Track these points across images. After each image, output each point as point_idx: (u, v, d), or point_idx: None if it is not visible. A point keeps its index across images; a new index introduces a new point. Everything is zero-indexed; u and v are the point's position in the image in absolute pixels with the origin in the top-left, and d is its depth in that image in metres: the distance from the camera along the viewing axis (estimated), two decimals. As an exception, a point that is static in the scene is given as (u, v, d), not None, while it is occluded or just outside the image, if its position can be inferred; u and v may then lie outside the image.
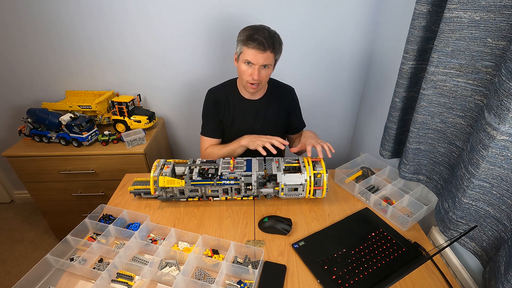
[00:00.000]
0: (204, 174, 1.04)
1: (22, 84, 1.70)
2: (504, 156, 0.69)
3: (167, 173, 1.02)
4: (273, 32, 1.11)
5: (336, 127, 1.98)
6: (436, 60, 0.85)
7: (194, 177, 1.02)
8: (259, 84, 1.16)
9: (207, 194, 1.06)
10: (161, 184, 1.01)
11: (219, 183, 1.02)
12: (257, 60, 1.08)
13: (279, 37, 1.12)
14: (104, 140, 1.52)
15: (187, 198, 1.07)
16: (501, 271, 0.68)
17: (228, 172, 1.02)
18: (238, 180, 1.02)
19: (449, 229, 0.88)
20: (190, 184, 1.02)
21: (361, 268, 0.84)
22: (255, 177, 1.02)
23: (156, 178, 1.01)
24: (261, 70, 1.11)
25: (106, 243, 0.92)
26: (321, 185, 1.02)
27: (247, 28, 1.11)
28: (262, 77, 1.13)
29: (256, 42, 1.06)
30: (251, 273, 0.81)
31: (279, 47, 1.12)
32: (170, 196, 1.06)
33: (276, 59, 1.15)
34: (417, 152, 1.04)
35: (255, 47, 1.06)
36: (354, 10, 1.53)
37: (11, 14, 1.49)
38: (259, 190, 1.04)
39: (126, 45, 1.59)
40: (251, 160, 1.09)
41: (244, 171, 1.03)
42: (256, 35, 1.06)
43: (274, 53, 1.10)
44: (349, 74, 1.75)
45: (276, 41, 1.10)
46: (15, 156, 1.47)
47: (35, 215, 2.09)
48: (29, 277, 0.79)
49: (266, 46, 1.06)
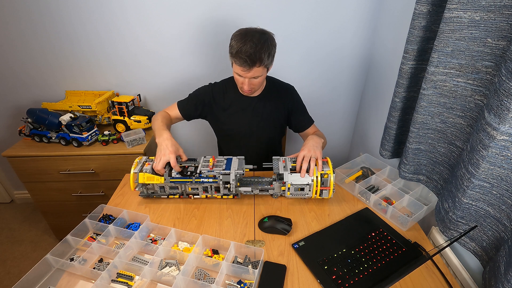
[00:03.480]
0: (184, 172, 1.05)
1: (22, 84, 1.70)
2: (504, 156, 0.69)
3: (147, 170, 1.03)
4: (263, 40, 1.05)
5: (336, 127, 1.99)
6: (436, 60, 0.85)
7: (173, 174, 1.03)
8: (252, 89, 1.17)
9: (187, 191, 1.08)
10: (141, 180, 1.03)
11: (197, 181, 1.03)
12: (245, 75, 1.09)
13: (269, 44, 1.07)
14: (104, 140, 1.52)
15: (168, 195, 1.09)
16: (501, 271, 0.68)
17: (207, 170, 1.03)
18: (216, 179, 1.03)
19: (449, 229, 0.88)
20: (169, 182, 1.03)
21: (361, 268, 0.84)
22: (233, 175, 1.02)
23: (136, 175, 1.03)
24: (252, 80, 1.11)
25: (106, 243, 0.92)
26: (328, 185, 1.02)
27: (236, 35, 1.07)
28: (253, 85, 1.14)
29: (242, 60, 1.04)
30: (251, 273, 0.81)
31: (268, 57, 1.08)
32: (151, 193, 1.09)
33: (268, 67, 1.13)
34: (417, 152, 1.04)
35: (241, 64, 1.05)
36: (354, 11, 1.53)
37: (11, 14, 1.49)
38: (238, 189, 1.04)
39: (126, 45, 1.59)
40: (231, 159, 1.09)
41: (223, 169, 1.03)
42: (243, 49, 1.02)
43: (263, 65, 1.08)
44: (349, 74, 1.75)
45: (265, 52, 1.05)
46: (15, 156, 1.47)
47: (35, 215, 2.09)
48: (29, 277, 0.79)
49: (251, 64, 1.04)
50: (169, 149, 1.03)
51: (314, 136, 1.14)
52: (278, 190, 1.07)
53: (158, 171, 1.03)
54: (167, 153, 1.02)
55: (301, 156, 1.03)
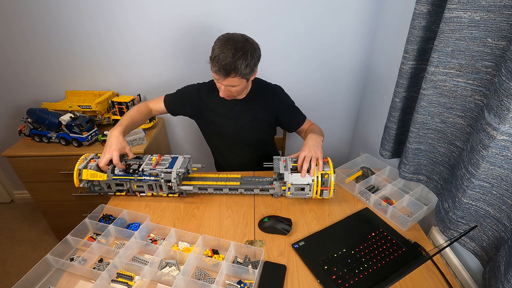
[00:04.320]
0: (127, 169, 1.06)
1: (22, 84, 1.70)
2: (504, 156, 0.69)
3: (92, 166, 1.04)
4: (243, 50, 1.01)
5: (336, 127, 1.99)
6: (436, 60, 0.85)
7: (116, 171, 1.04)
8: (230, 96, 1.16)
9: (133, 189, 1.09)
10: (84, 177, 1.04)
11: (139, 179, 1.04)
12: (220, 82, 1.08)
13: (249, 54, 1.03)
14: (104, 140, 1.52)
15: (115, 192, 1.10)
16: (501, 271, 0.68)
17: (149, 168, 1.04)
18: (158, 177, 1.03)
19: (449, 229, 0.88)
20: (112, 179, 1.04)
21: (361, 268, 0.84)
22: (175, 174, 1.02)
23: (80, 171, 1.04)
24: (229, 87, 1.09)
25: (106, 243, 0.92)
26: (329, 185, 1.02)
27: (219, 40, 1.05)
28: (231, 92, 1.12)
29: (217, 67, 1.02)
30: (251, 273, 0.81)
31: (246, 67, 1.03)
32: (98, 189, 1.10)
33: (246, 77, 1.08)
34: (417, 152, 1.04)
35: (216, 71, 1.04)
36: (355, 11, 1.53)
37: (11, 14, 1.49)
38: (179, 187, 1.05)
39: (126, 45, 1.59)
40: (177, 158, 1.10)
41: (166, 168, 1.04)
42: (220, 57, 1.00)
43: (239, 76, 1.04)
44: (349, 74, 1.75)
45: (242, 63, 1.01)
46: (15, 156, 1.47)
47: (35, 215, 2.09)
48: (29, 277, 0.79)
49: (225, 73, 1.02)
50: (113, 147, 1.04)
51: (314, 135, 1.12)
52: (279, 190, 1.07)
53: (102, 168, 1.04)
54: (111, 150, 1.03)
55: (302, 157, 1.03)
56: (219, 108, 1.27)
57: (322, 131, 1.30)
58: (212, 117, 1.29)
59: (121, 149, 1.05)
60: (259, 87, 1.28)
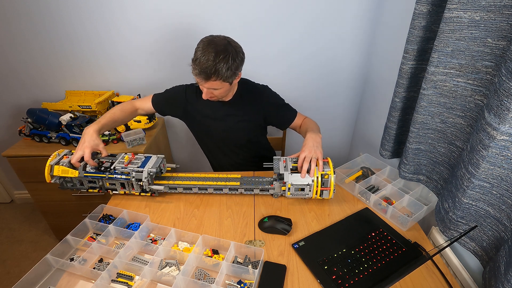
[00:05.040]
0: (99, 167, 1.06)
1: (22, 84, 1.70)
2: (504, 156, 0.69)
3: (64, 163, 1.05)
4: (224, 54, 1.00)
5: (336, 127, 1.98)
6: (436, 60, 0.85)
7: (88, 168, 1.05)
8: (213, 98, 1.15)
9: (105, 186, 1.09)
10: (55, 172, 1.04)
11: (110, 177, 1.04)
12: (201, 84, 1.08)
13: (230, 57, 1.01)
14: (104, 140, 1.52)
15: (87, 189, 1.10)
16: (501, 271, 0.68)
17: (121, 167, 1.05)
18: (129, 176, 1.04)
19: (449, 229, 0.88)
20: (83, 176, 1.05)
21: (361, 268, 0.84)
22: (146, 173, 1.03)
23: (51, 167, 1.05)
24: (211, 90, 1.08)
25: (106, 243, 0.92)
26: (328, 186, 1.01)
27: (201, 41, 1.04)
28: (214, 95, 1.12)
29: (197, 70, 1.01)
30: (251, 273, 0.81)
31: (228, 70, 1.02)
32: (71, 186, 1.10)
33: (229, 81, 1.07)
34: (417, 152, 1.04)
35: (196, 74, 1.03)
36: (356, 10, 1.53)
37: (11, 14, 1.49)
38: (150, 187, 1.05)
39: (126, 45, 1.59)
40: (150, 158, 1.10)
41: (137, 167, 1.05)
42: (201, 59, 0.99)
43: (220, 80, 1.03)
44: (349, 74, 1.75)
45: (222, 67, 1.00)
46: (15, 156, 1.47)
47: (35, 215, 2.09)
48: (29, 277, 0.79)
49: (205, 77, 1.02)
50: (85, 144, 1.03)
51: (313, 134, 1.11)
52: (279, 190, 1.07)
53: (74, 164, 1.04)
54: (83, 147, 1.03)
55: (302, 157, 1.02)
56: (205, 109, 1.26)
57: (317, 125, 1.27)
58: (199, 118, 1.29)
59: (93, 146, 1.05)
60: (245, 88, 1.26)
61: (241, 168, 1.38)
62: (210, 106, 1.24)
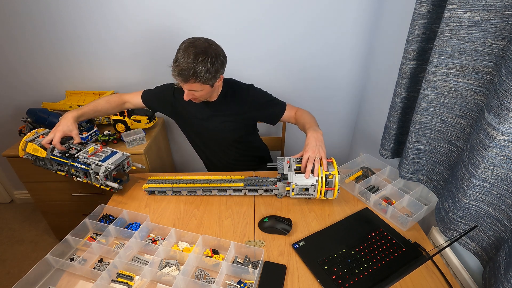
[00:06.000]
0: (66, 152, 1.09)
1: (22, 84, 1.70)
2: (504, 156, 0.69)
3: (39, 142, 1.09)
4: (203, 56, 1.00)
5: (336, 127, 1.98)
6: (436, 60, 0.85)
7: (55, 152, 1.09)
8: (195, 100, 1.14)
9: (71, 172, 1.10)
10: (28, 149, 1.09)
11: (72, 164, 1.06)
12: (182, 86, 1.07)
13: (209, 60, 1.00)
14: (104, 140, 1.52)
15: (56, 171, 1.13)
16: (501, 271, 0.68)
17: (84, 157, 1.06)
18: (89, 167, 1.05)
19: (449, 229, 0.88)
20: (49, 157, 1.08)
21: (361, 268, 0.84)
22: (104, 168, 1.03)
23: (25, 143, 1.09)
24: (193, 92, 1.08)
25: (106, 243, 0.92)
26: (333, 186, 1.01)
27: (182, 43, 1.04)
28: (195, 97, 1.11)
29: (176, 73, 1.01)
30: (251, 273, 0.81)
31: (207, 72, 1.01)
32: (42, 164, 1.14)
33: (209, 83, 1.06)
34: (417, 152, 1.04)
35: (175, 76, 1.03)
36: (356, 10, 1.53)
37: (11, 14, 1.49)
38: (105, 182, 1.05)
39: (126, 45, 1.59)
40: (115, 153, 1.11)
41: (99, 160, 1.05)
42: (180, 61, 0.99)
43: (199, 82, 1.03)
44: (349, 74, 1.75)
45: (201, 70, 0.99)
46: (15, 156, 1.47)
47: (35, 215, 2.09)
48: (29, 277, 0.79)
49: (184, 79, 1.01)
50: (59, 128, 1.07)
51: (314, 132, 1.08)
52: (283, 190, 1.07)
53: (44, 145, 1.08)
54: (55, 131, 1.07)
55: (306, 159, 1.02)
56: (192, 109, 1.26)
57: (313, 116, 1.24)
58: (187, 117, 1.30)
59: (66, 131, 1.07)
60: (230, 88, 1.26)
61: (234, 167, 1.37)
62: (195, 106, 1.24)
